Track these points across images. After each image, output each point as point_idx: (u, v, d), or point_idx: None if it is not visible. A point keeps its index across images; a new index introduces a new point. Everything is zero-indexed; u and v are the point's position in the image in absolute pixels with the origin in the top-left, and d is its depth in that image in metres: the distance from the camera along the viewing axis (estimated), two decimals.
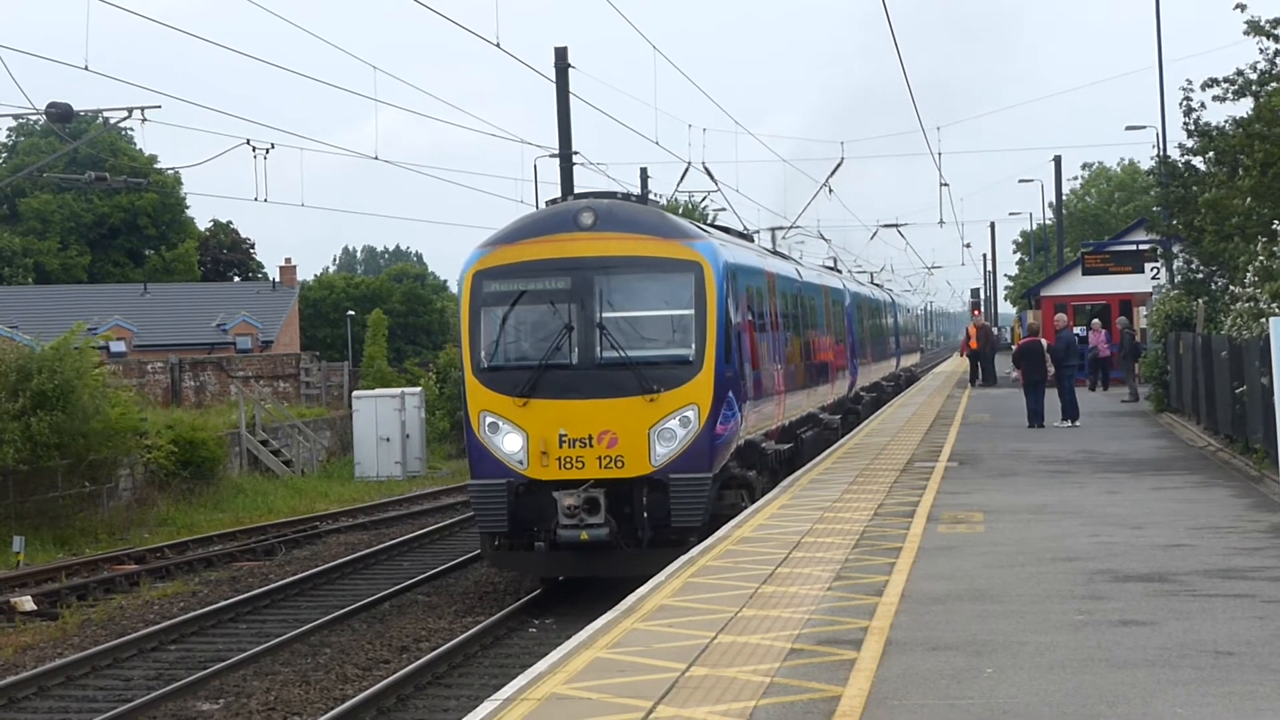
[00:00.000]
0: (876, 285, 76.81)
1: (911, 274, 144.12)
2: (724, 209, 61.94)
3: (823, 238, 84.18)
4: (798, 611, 15.15)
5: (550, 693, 12.31)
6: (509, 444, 24.51)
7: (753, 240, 38.39)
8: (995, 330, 79.27)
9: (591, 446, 24.27)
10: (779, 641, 13.78)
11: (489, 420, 24.67)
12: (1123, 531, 20.15)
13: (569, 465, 24.32)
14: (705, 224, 32.66)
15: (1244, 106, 37.48)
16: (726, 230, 34.29)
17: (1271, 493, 23.91)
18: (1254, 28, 35.54)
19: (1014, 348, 50.09)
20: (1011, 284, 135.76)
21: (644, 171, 67.16)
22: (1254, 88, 36.77)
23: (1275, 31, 35.43)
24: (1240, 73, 36.79)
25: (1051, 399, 38.78)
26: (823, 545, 19.49)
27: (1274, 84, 36.35)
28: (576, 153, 41.93)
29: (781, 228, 72.28)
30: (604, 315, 24.82)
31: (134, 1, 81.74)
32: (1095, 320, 56.38)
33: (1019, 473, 28.02)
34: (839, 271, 61.32)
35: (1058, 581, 16.52)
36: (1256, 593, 15.59)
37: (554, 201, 27.08)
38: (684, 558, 19.37)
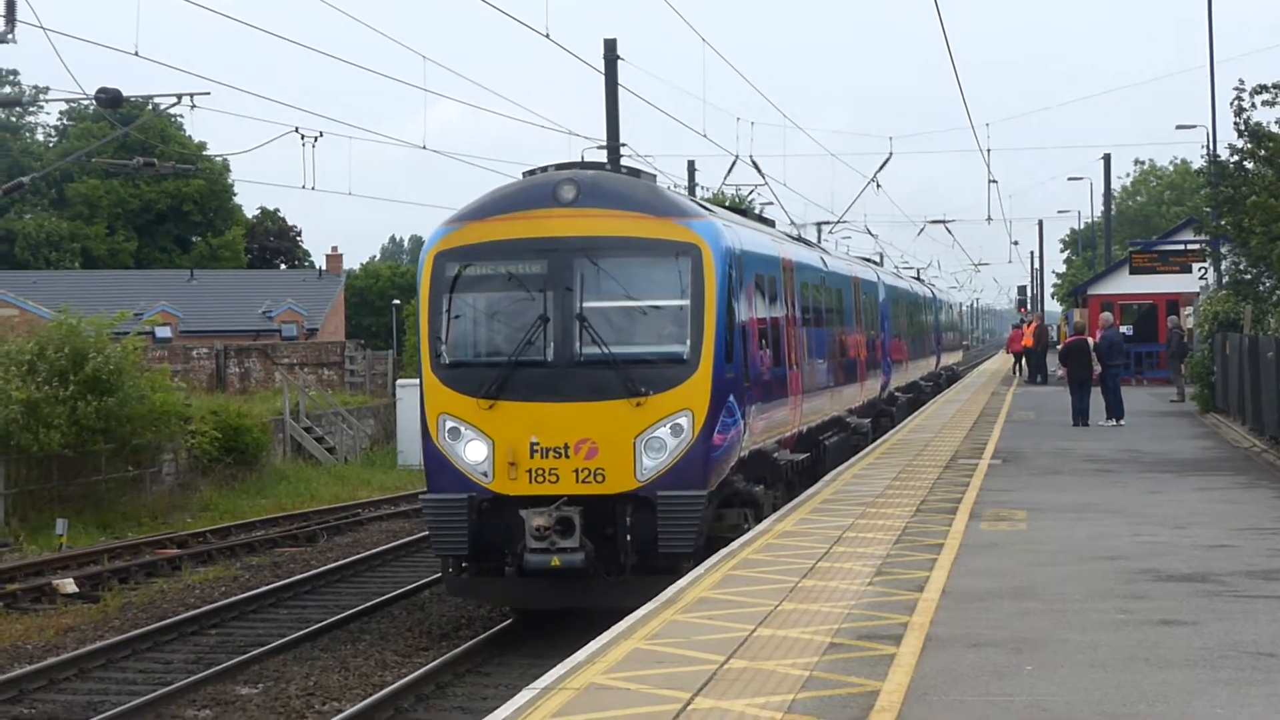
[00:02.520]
0: (918, 279, 75.64)
1: (958, 270, 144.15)
2: (770, 202, 61.78)
3: (870, 233, 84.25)
4: (838, 606, 15.14)
5: (589, 682, 12.33)
6: (471, 453, 21.40)
7: (773, 225, 35.11)
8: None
9: (568, 457, 21.14)
10: (819, 635, 13.77)
11: (449, 425, 21.55)
12: (1166, 531, 20.10)
13: (541, 479, 21.18)
14: (727, 206, 31.13)
15: None
16: (742, 212, 32.23)
17: None
18: None
19: (1060, 346, 50.00)
20: (1059, 282, 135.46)
21: (691, 164, 67.39)
22: None
23: None
24: None
25: (1096, 397, 38.71)
26: (864, 540, 19.46)
27: None
28: (624, 144, 41.93)
29: (828, 222, 72.34)
30: (585, 305, 21.62)
31: None
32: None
33: (1063, 471, 27.96)
34: (878, 264, 60.04)
35: (1099, 580, 16.48)
36: None
37: (533, 172, 23.20)
38: (724, 551, 19.29)
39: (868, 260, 56.06)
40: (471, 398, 21.54)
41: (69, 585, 28.85)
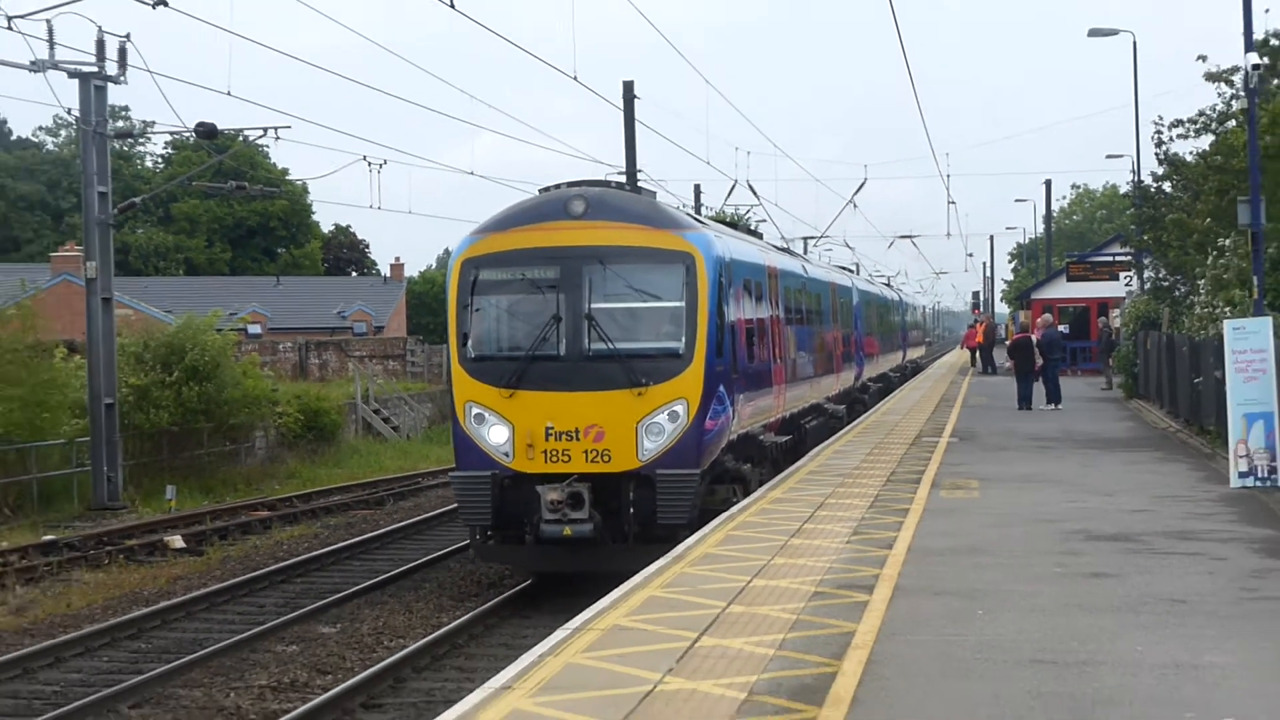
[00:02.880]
0: (887, 285, 75.00)
1: (922, 278, 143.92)
2: (764, 220, 62.09)
3: (847, 246, 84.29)
4: (820, 561, 15.25)
5: (613, 624, 12.47)
6: (494, 436, 20.95)
7: (761, 237, 34.55)
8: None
9: (578, 440, 20.61)
10: (804, 585, 13.89)
11: (475, 411, 21.09)
12: (1096, 498, 20.16)
13: (555, 458, 20.67)
14: (722, 221, 30.61)
15: (1206, 141, 37.47)
16: (734, 226, 31.88)
17: (1221, 468, 23.82)
18: (1212, 76, 35.52)
19: (1008, 342, 50.00)
20: (1007, 288, 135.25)
21: (697, 187, 67.53)
22: (1213, 126, 36.75)
23: (1231, 78, 35.38)
24: (1202, 113, 36.78)
25: (1038, 386, 38.74)
26: (843, 506, 19.55)
27: (1230, 122, 36.29)
28: (640, 170, 42.04)
29: (813, 237, 72.35)
30: (593, 306, 20.98)
31: (269, 37, 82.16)
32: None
33: (1010, 448, 28.00)
34: (853, 272, 59.48)
35: (1040, 539, 16.56)
36: (1206, 551, 15.63)
37: (548, 189, 22.72)
38: (725, 514, 19.38)
39: (844, 268, 55.36)
40: (494, 387, 21.03)
41: (177, 541, 29.01)
